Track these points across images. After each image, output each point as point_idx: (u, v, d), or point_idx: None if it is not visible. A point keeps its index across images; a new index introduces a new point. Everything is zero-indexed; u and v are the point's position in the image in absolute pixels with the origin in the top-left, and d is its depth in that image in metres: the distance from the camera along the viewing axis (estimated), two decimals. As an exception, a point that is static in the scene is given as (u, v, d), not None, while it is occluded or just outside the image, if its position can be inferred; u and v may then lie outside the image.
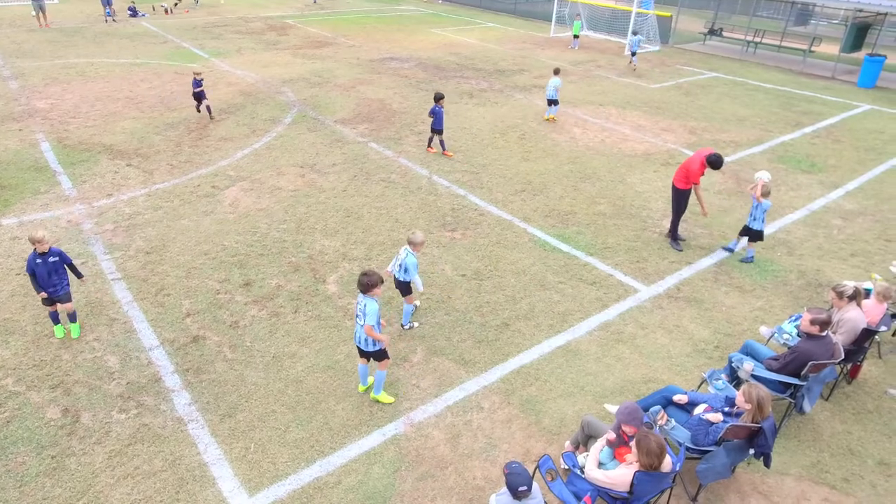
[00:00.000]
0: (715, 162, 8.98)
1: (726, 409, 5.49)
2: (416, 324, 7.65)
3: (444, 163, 12.62)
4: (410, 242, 7.11)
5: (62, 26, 25.67)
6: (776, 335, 6.95)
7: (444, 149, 13.05)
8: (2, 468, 5.54)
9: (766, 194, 8.77)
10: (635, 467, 4.81)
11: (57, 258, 7.00)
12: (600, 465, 5.11)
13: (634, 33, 22.80)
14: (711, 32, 27.17)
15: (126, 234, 9.52)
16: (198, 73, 14.21)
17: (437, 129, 12.85)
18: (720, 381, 6.11)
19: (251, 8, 32.83)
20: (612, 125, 15.48)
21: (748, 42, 25.79)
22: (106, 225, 9.75)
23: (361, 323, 5.97)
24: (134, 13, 28.76)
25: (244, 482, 5.52)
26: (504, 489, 4.49)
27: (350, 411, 6.33)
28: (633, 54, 21.85)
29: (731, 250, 9.52)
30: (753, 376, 6.10)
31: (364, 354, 6.26)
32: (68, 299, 7.14)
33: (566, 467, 5.32)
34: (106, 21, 27.20)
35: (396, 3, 37.32)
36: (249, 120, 14.80)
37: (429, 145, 13.30)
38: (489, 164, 12.69)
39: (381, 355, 6.23)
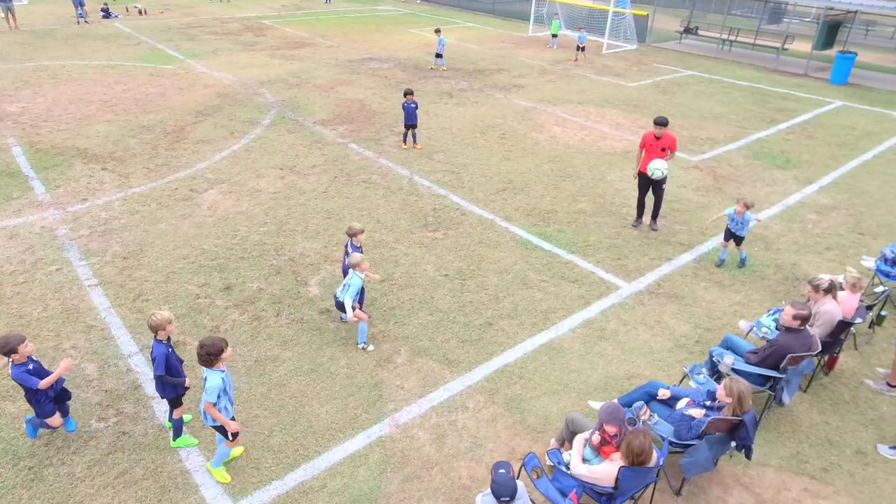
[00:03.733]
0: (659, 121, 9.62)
1: (708, 402, 5.56)
2: (371, 346, 7.27)
3: (424, 163, 12.61)
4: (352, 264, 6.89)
5: (32, 28, 25.13)
6: (755, 329, 7.06)
7: (414, 141, 13.42)
8: (-24, 481, 5.41)
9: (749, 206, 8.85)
10: (620, 462, 4.84)
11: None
12: (585, 460, 5.14)
13: (579, 29, 23.75)
14: (687, 31, 27.52)
15: (102, 239, 9.35)
16: None
17: (409, 125, 13.12)
18: (701, 376, 6.20)
19: (227, 9, 32.48)
20: (592, 123, 15.60)
21: (723, 40, 26.16)
22: (81, 230, 9.57)
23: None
24: (107, 14, 28.27)
25: (227, 488, 5.45)
26: (488, 490, 4.50)
27: (334, 414, 6.29)
28: (581, 48, 22.91)
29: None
30: (734, 370, 6.19)
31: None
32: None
33: (551, 464, 5.34)
34: (78, 22, 26.69)
35: (374, 4, 37.20)
36: (227, 122, 14.64)
37: (403, 141, 13.42)
38: (470, 163, 12.71)
39: (221, 431, 5.31)
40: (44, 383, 5.39)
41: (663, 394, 5.89)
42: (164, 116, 14.82)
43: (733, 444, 5.46)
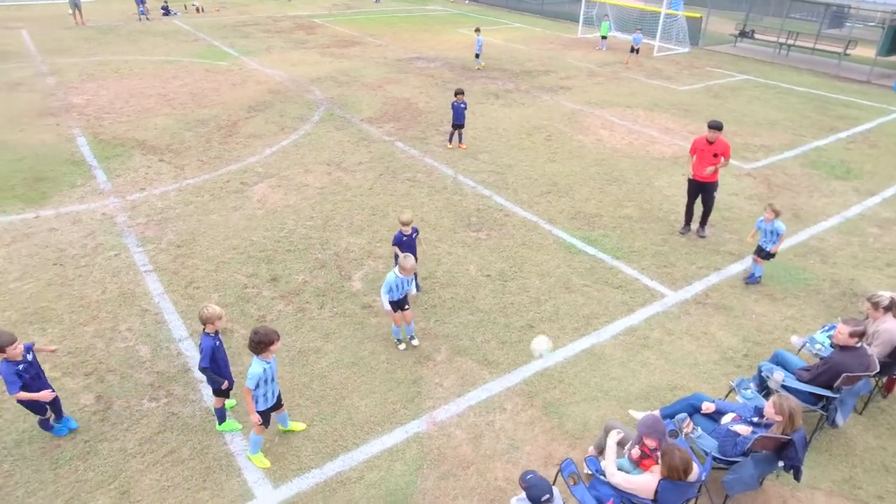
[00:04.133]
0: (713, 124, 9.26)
1: (755, 419, 5.40)
2: (402, 346, 7.23)
3: (469, 163, 12.63)
4: (405, 269, 6.64)
5: (97, 24, 26.26)
6: (808, 345, 6.81)
7: (460, 141, 13.41)
8: (38, 450, 5.71)
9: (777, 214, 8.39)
10: (660, 476, 4.75)
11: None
12: (622, 470, 5.06)
13: (636, 30, 23.11)
14: (742, 34, 26.71)
15: (158, 227, 9.71)
16: None
17: (457, 124, 13.12)
18: (749, 391, 6.02)
19: (280, 7, 33.21)
20: (640, 127, 15.32)
21: (780, 44, 25.30)
22: (139, 218, 9.96)
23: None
24: (167, 12, 29.31)
25: (268, 474, 5.60)
26: (524, 494, 4.48)
27: (373, 408, 6.38)
28: (635, 50, 22.50)
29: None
30: (784, 387, 5.99)
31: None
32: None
33: (589, 472, 5.28)
34: (140, 19, 27.77)
35: (423, 4, 37.42)
36: (278, 118, 14.98)
37: (449, 140, 13.44)
38: (515, 164, 12.66)
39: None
40: (21, 395, 5.31)
41: (707, 407, 5.75)
42: (218, 111, 15.27)
43: (781, 463, 5.28)
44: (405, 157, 12.88)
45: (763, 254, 8.57)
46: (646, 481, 4.80)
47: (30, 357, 5.51)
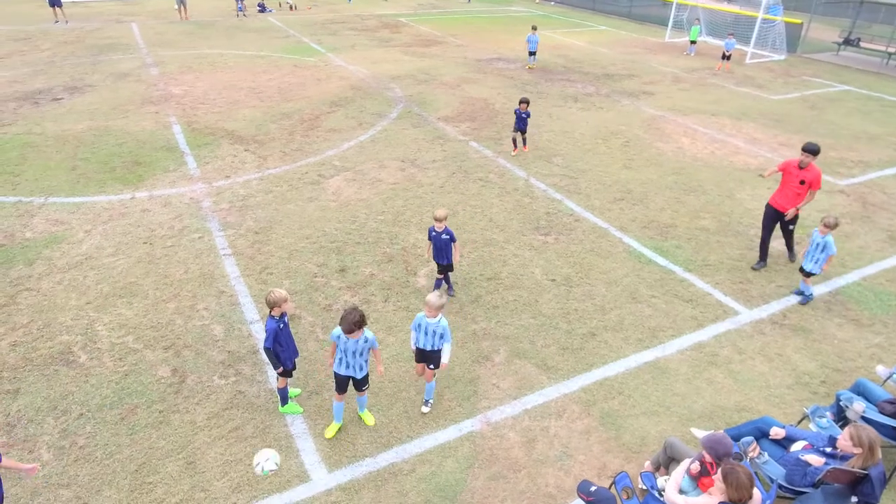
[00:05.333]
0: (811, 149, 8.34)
1: (828, 449, 5.08)
2: (426, 408, 6.45)
3: (542, 166, 12.52)
4: (427, 305, 5.83)
5: (199, 20, 27.91)
6: (894, 376, 6.32)
7: (524, 144, 13.19)
8: (118, 416, 6.17)
9: (834, 226, 7.78)
10: (719, 498, 4.56)
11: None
12: (681, 491, 4.89)
13: (728, 35, 22.02)
14: (847, 42, 25.00)
15: (239, 213, 10.24)
16: None
17: (519, 129, 12.85)
18: (824, 419, 5.67)
19: (368, 6, 34.08)
20: (724, 136, 14.66)
21: (889, 54, 23.47)
22: (222, 204, 10.54)
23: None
24: (262, 9, 30.79)
25: (324, 458, 5.79)
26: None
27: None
28: (726, 56, 21.52)
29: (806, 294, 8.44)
30: (864, 418, 5.59)
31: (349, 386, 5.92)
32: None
33: (644, 488, 5.14)
34: (237, 16, 29.30)
35: (507, 4, 37.33)
36: (357, 113, 15.41)
37: (514, 146, 13.17)
38: (589, 169, 12.44)
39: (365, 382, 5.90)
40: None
41: (776, 433, 5.46)
42: (302, 105, 15.89)
43: (854, 499, 4.95)
44: (478, 156, 12.93)
45: (804, 272, 8.07)
46: (704, 503, 4.62)
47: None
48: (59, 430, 5.98)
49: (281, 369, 5.87)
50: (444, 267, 7.95)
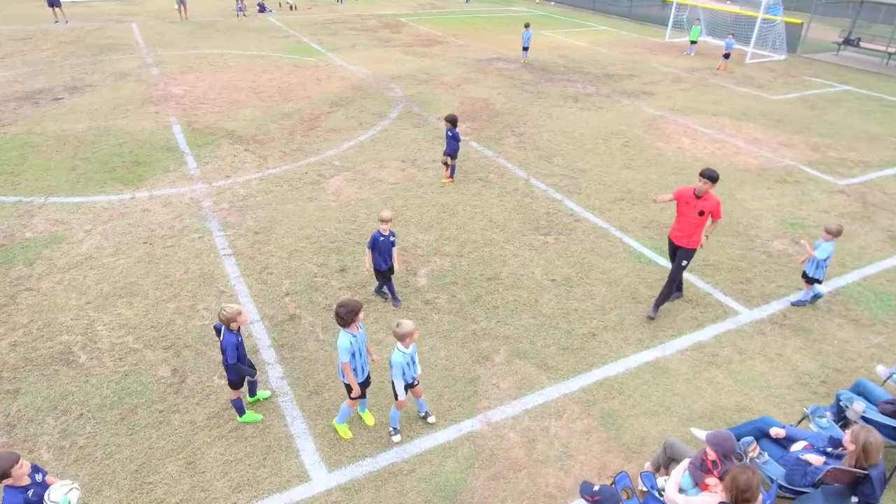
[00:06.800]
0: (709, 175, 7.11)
1: (829, 449, 5.08)
2: (396, 437, 6.10)
3: (542, 166, 12.51)
4: (396, 335, 5.55)
5: (199, 20, 27.91)
6: (895, 377, 6.32)
7: (450, 174, 11.61)
8: (118, 416, 6.17)
9: (837, 233, 7.69)
10: (720, 497, 4.56)
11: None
12: (681, 490, 4.89)
13: (728, 35, 22.22)
14: (847, 42, 25.00)
15: (239, 213, 10.24)
16: None
17: (448, 153, 11.32)
18: (824, 419, 5.67)
19: (368, 6, 34.08)
20: (725, 137, 14.66)
21: (889, 54, 23.47)
22: (222, 204, 10.54)
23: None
24: (262, 9, 30.79)
25: (325, 458, 5.79)
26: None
27: (429, 403, 6.45)
28: (726, 55, 21.69)
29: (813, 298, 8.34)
30: (864, 418, 5.59)
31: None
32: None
33: (644, 488, 5.14)
34: (237, 16, 29.30)
35: (507, 4, 37.33)
36: (358, 113, 15.41)
37: (446, 173, 11.67)
38: (589, 169, 12.43)
39: (347, 389, 5.74)
40: None
41: (777, 432, 5.46)
42: (303, 105, 15.89)
43: (854, 499, 4.95)
44: (479, 156, 12.93)
45: (807, 277, 8.07)
46: (704, 503, 4.62)
47: (39, 478, 4.43)
48: (59, 430, 5.98)
49: (255, 372, 5.95)
50: (386, 272, 7.76)
